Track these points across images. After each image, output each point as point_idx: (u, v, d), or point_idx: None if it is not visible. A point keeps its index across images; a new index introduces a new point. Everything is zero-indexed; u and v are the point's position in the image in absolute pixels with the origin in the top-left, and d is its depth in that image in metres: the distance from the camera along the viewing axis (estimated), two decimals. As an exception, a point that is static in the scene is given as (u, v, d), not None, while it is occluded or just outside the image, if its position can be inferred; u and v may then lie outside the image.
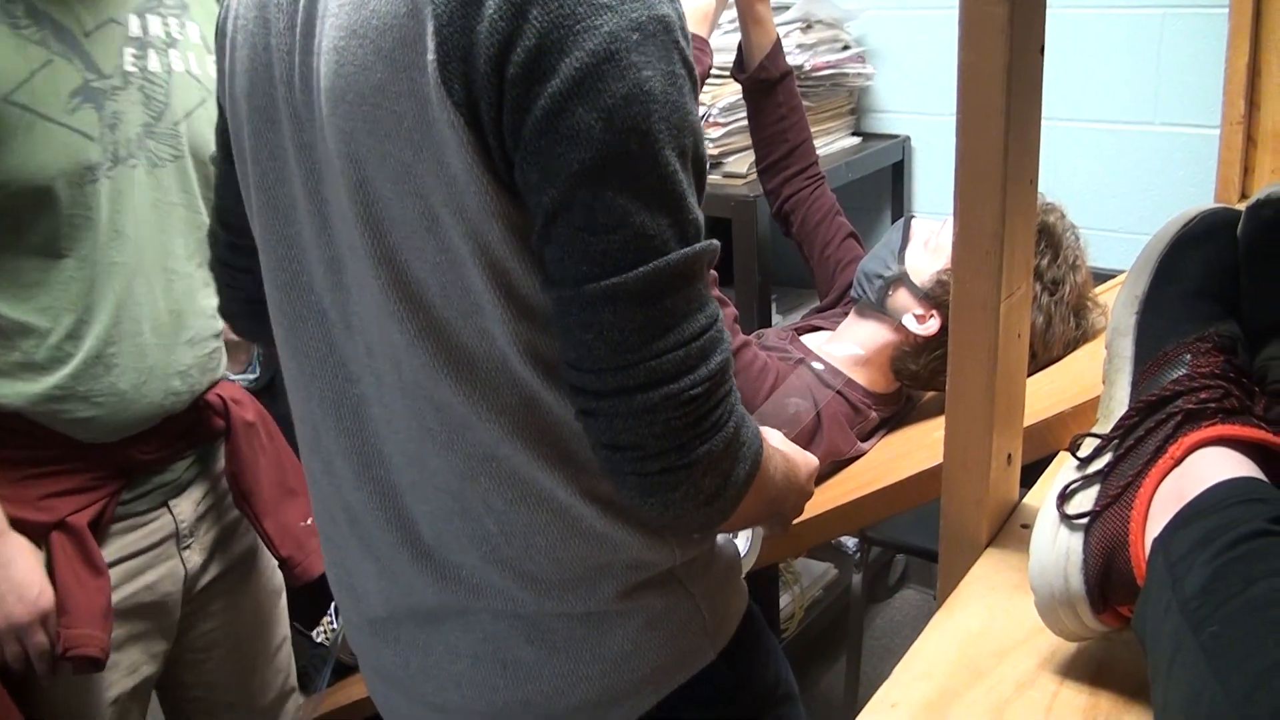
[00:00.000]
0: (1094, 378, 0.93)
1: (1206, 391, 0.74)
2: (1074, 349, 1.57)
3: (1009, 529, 1.00)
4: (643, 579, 0.97)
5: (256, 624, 1.73)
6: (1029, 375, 1.56)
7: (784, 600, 2.68)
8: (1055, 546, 0.76)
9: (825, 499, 1.52)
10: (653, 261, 0.79)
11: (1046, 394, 1.39)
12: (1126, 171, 2.37)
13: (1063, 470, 0.79)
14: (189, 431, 1.53)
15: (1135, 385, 0.80)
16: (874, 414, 1.72)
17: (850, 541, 2.93)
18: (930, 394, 1.83)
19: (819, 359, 1.71)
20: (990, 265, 0.88)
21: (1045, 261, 1.55)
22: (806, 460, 1.19)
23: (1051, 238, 1.57)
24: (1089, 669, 0.79)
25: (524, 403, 0.89)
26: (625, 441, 0.83)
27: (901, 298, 1.66)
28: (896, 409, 1.80)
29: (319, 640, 2.63)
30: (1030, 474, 1.05)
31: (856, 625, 2.54)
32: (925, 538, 2.43)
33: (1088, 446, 0.79)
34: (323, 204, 0.90)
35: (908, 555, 3.05)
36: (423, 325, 0.87)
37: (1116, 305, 0.84)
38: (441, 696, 1.00)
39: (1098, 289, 1.68)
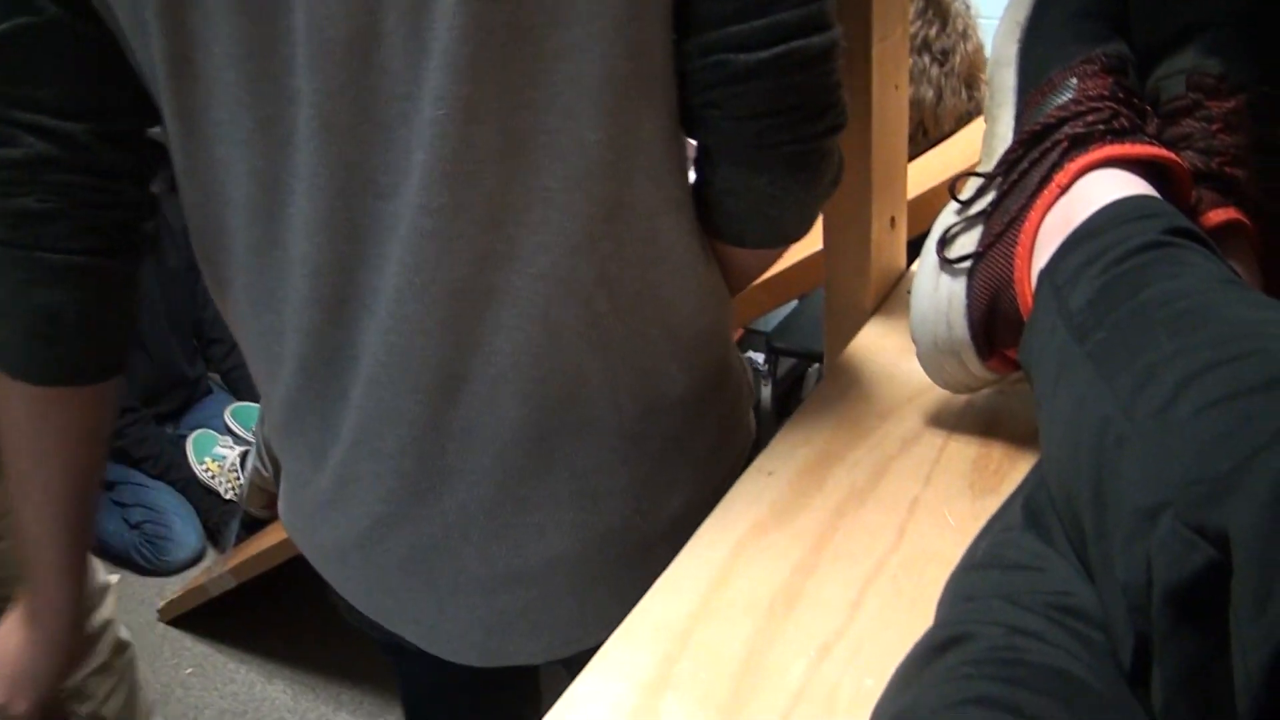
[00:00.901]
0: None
1: (1094, 114, 0.67)
2: (966, 123, 1.51)
3: (895, 296, 0.94)
4: (724, 343, 0.86)
5: None
6: (921, 153, 1.51)
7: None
8: (937, 293, 0.71)
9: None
10: None
11: (939, 169, 1.33)
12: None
13: (943, 214, 0.73)
14: None
15: (1019, 118, 0.74)
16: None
17: (760, 356, 2.90)
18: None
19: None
20: (859, 3, 0.81)
21: (933, 31, 1.47)
22: None
23: (939, 7, 1.48)
24: (978, 422, 0.75)
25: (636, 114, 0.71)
26: (792, 101, 0.70)
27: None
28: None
29: (227, 497, 2.56)
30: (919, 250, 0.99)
31: (767, 438, 2.51)
32: (833, 345, 2.39)
33: (970, 188, 0.73)
34: None
35: (820, 365, 3.03)
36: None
37: (997, 35, 0.77)
38: (521, 556, 0.80)
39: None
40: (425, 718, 1.10)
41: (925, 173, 1.31)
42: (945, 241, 0.71)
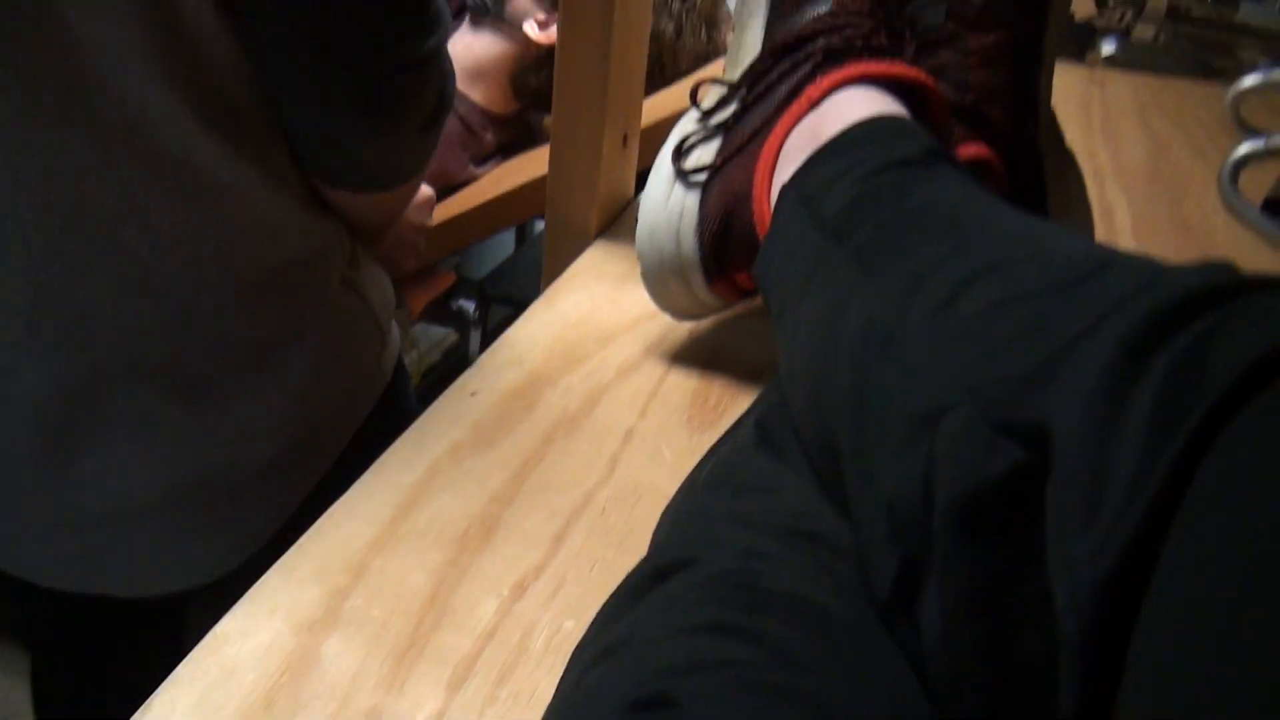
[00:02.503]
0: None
1: (852, 29, 0.63)
2: (702, 65, 1.47)
3: (622, 222, 0.88)
4: (319, 283, 0.77)
5: None
6: (655, 91, 1.45)
7: (398, 364, 2.54)
8: (668, 205, 0.64)
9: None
10: None
11: (673, 104, 1.28)
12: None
13: (682, 121, 0.67)
14: None
15: (770, 28, 0.68)
16: (490, 137, 1.57)
17: (471, 304, 2.81)
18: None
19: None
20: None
21: (679, -36, 1.42)
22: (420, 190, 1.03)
23: (688, -61, 1.44)
24: (700, 355, 0.70)
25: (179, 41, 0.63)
26: (345, 36, 0.64)
27: (521, 2, 1.49)
28: (515, 135, 1.65)
29: None
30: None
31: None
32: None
33: (712, 97, 0.67)
34: None
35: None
36: None
37: (754, -59, 0.72)
38: (90, 502, 0.72)
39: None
40: (52, 657, 0.97)
41: (659, 109, 1.26)
42: (682, 151, 0.65)
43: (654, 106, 1.27)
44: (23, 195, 0.61)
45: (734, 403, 0.65)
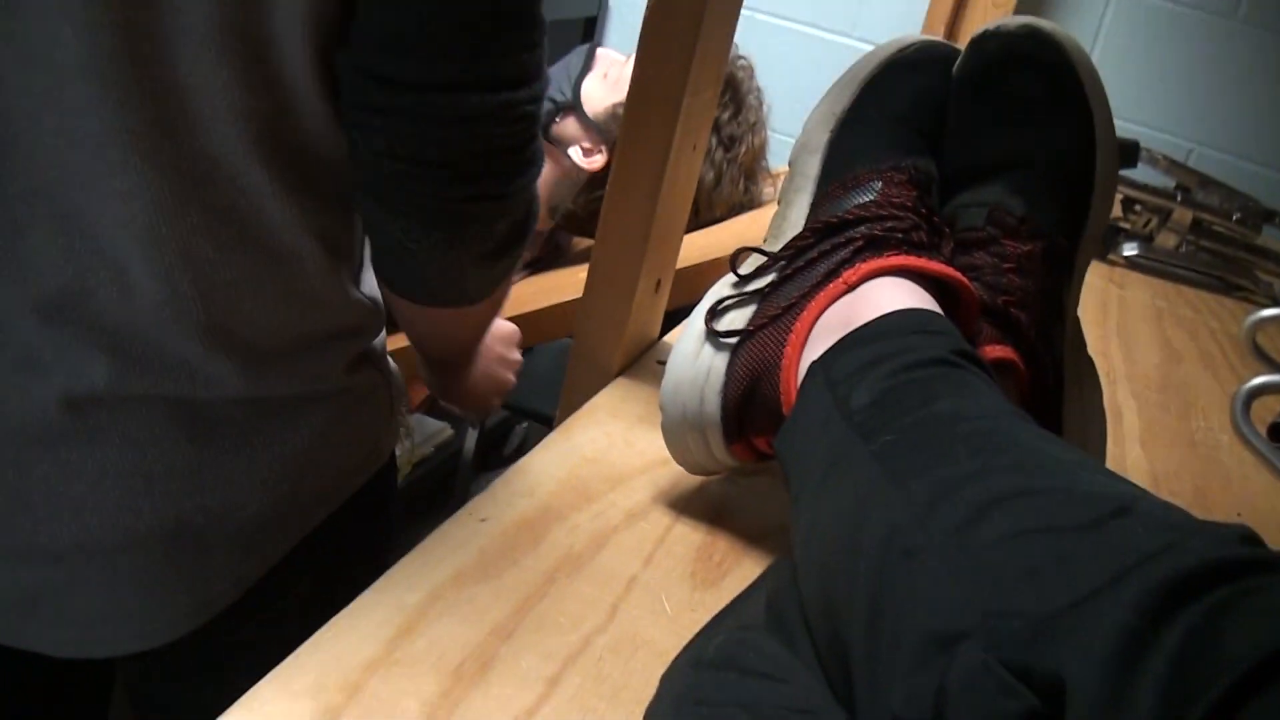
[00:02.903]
0: (756, 238, 0.82)
1: (894, 221, 0.65)
2: (736, 214, 1.51)
3: (644, 363, 0.90)
4: (354, 352, 0.78)
5: None
6: (687, 231, 1.49)
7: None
8: (696, 363, 0.66)
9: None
10: None
11: (703, 248, 1.31)
12: (823, 79, 2.33)
13: (718, 285, 0.69)
14: None
15: (815, 207, 0.71)
16: (520, 251, 1.60)
17: (471, 403, 2.81)
18: (582, 244, 1.72)
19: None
20: (679, 51, 0.77)
21: (726, 116, 1.47)
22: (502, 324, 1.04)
23: (736, 93, 1.48)
24: (708, 509, 0.71)
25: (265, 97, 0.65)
26: (433, 156, 0.65)
27: (570, 127, 1.54)
28: (543, 252, 1.69)
29: None
30: (673, 324, 0.95)
31: (462, 489, 2.43)
32: (549, 405, 2.34)
33: (750, 264, 0.69)
34: None
35: (530, 422, 2.97)
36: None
37: (809, 121, 0.75)
38: (48, 532, 0.68)
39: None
40: None
41: (689, 250, 1.29)
42: (716, 313, 0.67)
43: (684, 247, 1.31)
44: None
45: (738, 562, 0.66)
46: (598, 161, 1.52)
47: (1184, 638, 0.26)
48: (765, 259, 0.68)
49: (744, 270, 0.69)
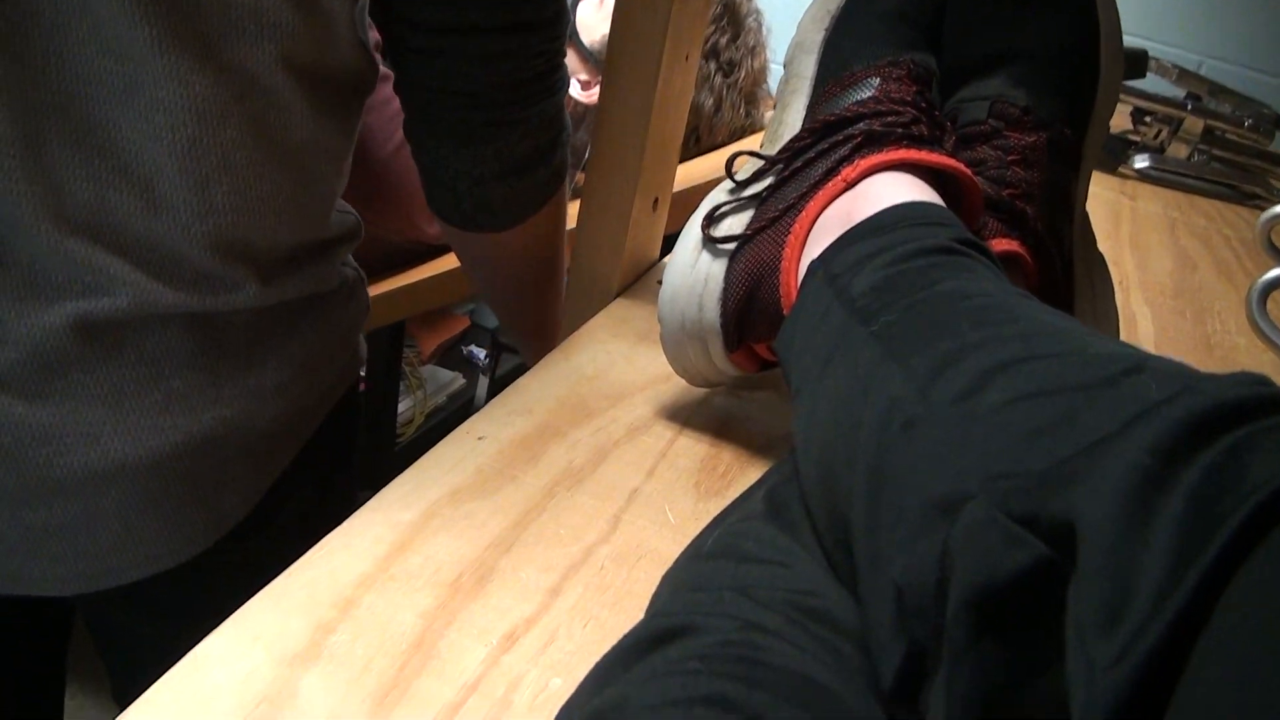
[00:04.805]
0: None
1: (893, 116, 0.63)
2: (738, 139, 1.48)
3: (644, 283, 0.88)
4: (345, 254, 0.80)
5: None
6: (689, 158, 1.46)
7: (404, 405, 2.53)
8: (694, 271, 0.64)
9: (434, 264, 1.39)
10: None
11: (704, 171, 1.29)
12: None
13: (715, 191, 0.67)
14: None
15: (811, 108, 0.69)
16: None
17: (482, 351, 2.80)
18: (581, 179, 1.70)
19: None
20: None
21: (724, 40, 1.43)
22: None
23: (735, 16, 1.45)
24: (712, 421, 0.69)
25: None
26: (459, 87, 0.76)
27: (568, 61, 1.51)
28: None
29: None
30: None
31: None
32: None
33: (747, 169, 0.67)
34: None
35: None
36: None
37: (804, 20, 0.72)
38: (64, 465, 0.65)
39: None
40: None
41: (691, 175, 1.27)
42: (712, 219, 0.65)
43: (686, 173, 1.28)
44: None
45: (743, 472, 0.65)
46: (596, 94, 1.49)
47: (1203, 475, 0.24)
48: (762, 162, 0.66)
49: (741, 175, 0.66)
